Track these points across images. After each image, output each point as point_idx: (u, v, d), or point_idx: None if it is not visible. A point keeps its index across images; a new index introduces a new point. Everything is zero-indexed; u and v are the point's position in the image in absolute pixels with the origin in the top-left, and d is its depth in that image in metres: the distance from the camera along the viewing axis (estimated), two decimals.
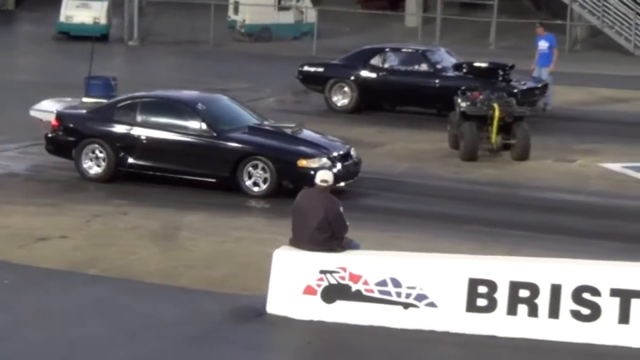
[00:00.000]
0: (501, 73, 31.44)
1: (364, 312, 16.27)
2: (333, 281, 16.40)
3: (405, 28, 52.29)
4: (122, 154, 23.64)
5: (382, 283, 16.28)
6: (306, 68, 33.66)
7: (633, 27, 47.28)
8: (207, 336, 15.92)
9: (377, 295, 16.29)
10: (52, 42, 46.18)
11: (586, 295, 15.79)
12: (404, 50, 33.65)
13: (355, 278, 16.36)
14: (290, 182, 22.66)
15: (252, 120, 24.26)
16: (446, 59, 32.87)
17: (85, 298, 17.30)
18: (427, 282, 16.21)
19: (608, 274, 16.01)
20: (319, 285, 16.44)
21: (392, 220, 21.63)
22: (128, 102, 24.41)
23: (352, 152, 23.74)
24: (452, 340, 15.91)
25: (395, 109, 32.28)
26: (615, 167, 26.19)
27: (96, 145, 23.81)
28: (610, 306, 15.72)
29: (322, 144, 23.57)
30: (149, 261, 19.04)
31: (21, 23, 55.47)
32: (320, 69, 33.47)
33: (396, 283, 16.25)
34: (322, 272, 16.44)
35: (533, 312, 15.92)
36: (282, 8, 49.64)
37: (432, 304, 16.17)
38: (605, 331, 15.73)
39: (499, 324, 15.96)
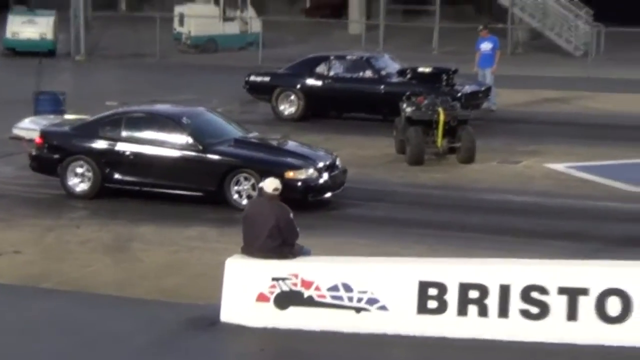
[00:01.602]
0: (445, 77, 31.56)
1: (316, 318, 16.28)
2: (285, 288, 16.41)
3: (349, 35, 52.39)
4: (108, 170, 23.37)
5: (334, 288, 16.30)
6: (252, 78, 33.63)
7: (573, 29, 47.56)
8: (163, 345, 15.90)
9: (329, 300, 16.31)
10: None
11: (535, 295, 15.86)
12: (348, 57, 33.64)
13: (307, 284, 16.37)
14: None
15: (236, 133, 24.09)
16: (390, 65, 32.94)
17: (40, 312, 17.21)
18: (378, 286, 16.25)
19: (555, 272, 16.09)
20: (271, 293, 16.44)
21: (342, 226, 21.68)
22: (112, 117, 24.09)
23: (338, 162, 23.65)
24: (404, 342, 15.94)
25: (341, 116, 32.27)
26: (559, 167, 26.36)
27: (81, 162, 23.52)
28: (558, 304, 15.82)
29: (308, 155, 23.43)
30: (103, 273, 18.98)
31: None
32: (267, 79, 33.43)
33: (348, 288, 16.27)
34: (275, 279, 16.45)
35: (483, 312, 15.98)
36: (227, 19, 49.57)
37: (383, 308, 16.21)
38: (554, 329, 15.81)
39: (449, 325, 16.00)
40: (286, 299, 16.41)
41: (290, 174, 22.48)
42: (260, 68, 38.40)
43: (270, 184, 16.61)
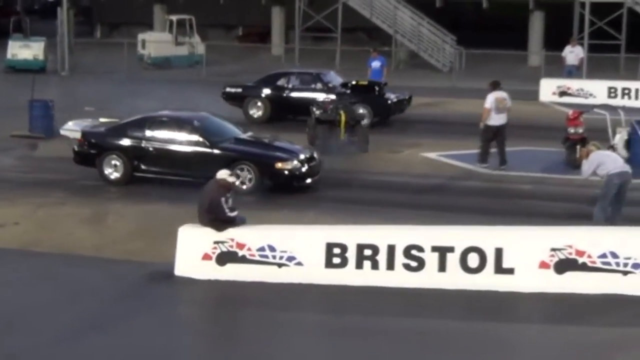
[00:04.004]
0: (377, 89, 31.16)
1: (248, 272, 16.21)
2: (224, 249, 16.30)
3: (272, 56, 52.17)
4: (136, 162, 22.73)
5: (262, 249, 16.25)
6: (228, 89, 32.72)
7: (441, 51, 47.75)
8: (129, 295, 15.76)
9: (257, 258, 16.25)
10: (2, 75, 45.24)
11: (414, 252, 15.90)
12: (302, 73, 33.02)
13: (240, 246, 16.28)
14: (269, 180, 22.11)
15: (236, 132, 23.43)
16: (335, 79, 32.33)
17: (34, 270, 16.98)
18: (295, 246, 16.21)
19: (429, 235, 16.15)
20: (213, 253, 16.35)
21: (272, 200, 21.47)
22: (138, 121, 23.26)
23: (315, 155, 23.11)
24: (315, 290, 15.92)
25: (296, 119, 31.28)
26: (432, 155, 26.38)
27: (114, 156, 22.91)
28: (431, 259, 15.86)
29: (293, 150, 22.81)
30: (83, 239, 18.72)
31: None
32: (239, 90, 32.68)
33: (272, 248, 16.22)
34: (216, 242, 16.34)
35: (375, 266, 15.99)
36: (178, 43, 49.20)
37: (299, 263, 16.17)
38: (428, 278, 15.85)
39: (350, 276, 16.00)
40: (225, 258, 16.31)
41: (279, 165, 22.06)
42: (207, 82, 37.90)
43: (220, 174, 16.53)
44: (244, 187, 21.84)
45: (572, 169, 23.09)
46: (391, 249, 15.91)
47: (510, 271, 15.65)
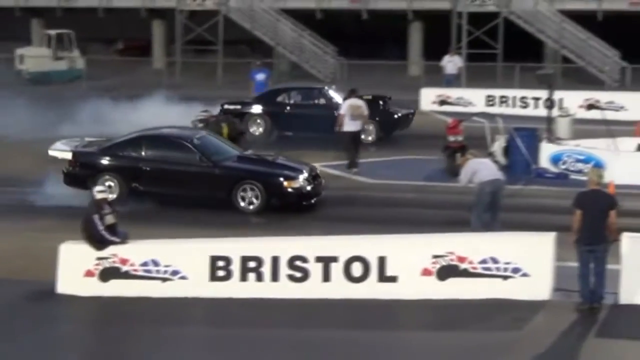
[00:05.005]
0: (381, 103, 30.56)
1: (132, 287, 16.12)
2: (107, 265, 16.19)
3: (153, 70, 51.80)
4: (133, 183, 21.68)
5: (145, 264, 16.17)
6: (226, 106, 31.36)
7: (322, 62, 48.05)
8: (10, 313, 15.50)
9: (141, 273, 16.17)
10: None
11: (298, 263, 15.97)
12: (304, 88, 32.13)
13: (124, 261, 16.19)
14: (277, 199, 21.35)
15: (234, 150, 22.58)
16: (336, 95, 30.96)
17: None
18: (178, 260, 16.17)
19: (313, 245, 16.25)
20: (96, 269, 16.22)
21: (146, 212, 21.31)
22: (134, 140, 22.27)
23: (319, 174, 22.55)
24: (200, 303, 15.90)
25: (296, 136, 30.06)
26: (317, 165, 26.36)
27: (108, 177, 21.79)
28: (315, 270, 15.95)
29: (298, 168, 22.09)
30: None
31: None
32: (238, 106, 31.37)
33: (156, 263, 16.16)
34: (99, 258, 16.22)
35: (259, 278, 16.03)
36: (57, 58, 48.52)
37: (184, 277, 16.13)
38: (313, 288, 15.94)
39: (235, 288, 16.01)
40: (108, 274, 16.21)
41: (286, 184, 21.39)
42: (88, 95, 37.27)
43: (93, 190, 16.50)
44: (251, 207, 21.23)
45: (452, 177, 23.46)
46: (275, 261, 15.97)
47: (393, 279, 15.85)
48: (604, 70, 44.30)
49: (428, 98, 37.23)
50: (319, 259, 15.93)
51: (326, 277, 15.91)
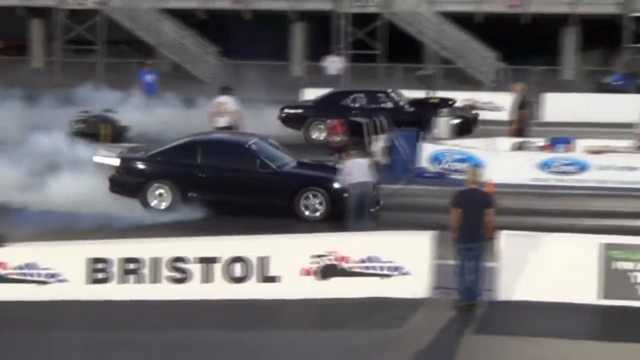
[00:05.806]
0: (444, 105, 30.05)
1: (8, 291, 15.79)
2: None
3: (32, 69, 50.90)
4: (187, 191, 20.71)
5: (20, 267, 15.90)
6: (287, 110, 30.71)
7: (204, 63, 47.77)
8: None
9: (17, 277, 15.88)
10: None
11: (178, 264, 15.88)
12: (370, 91, 31.21)
13: (1, 265, 15.87)
14: (342, 206, 19.99)
15: (287, 156, 21.62)
16: (403, 98, 30.76)
17: None
18: (56, 263, 15.91)
19: (194, 246, 16.16)
20: None
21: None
22: (186, 145, 21.32)
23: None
24: (79, 306, 15.65)
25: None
26: None
27: (160, 184, 20.85)
28: (196, 271, 15.87)
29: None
30: None
31: None
32: (300, 110, 30.72)
33: (32, 266, 15.88)
34: None
35: (139, 280, 15.87)
36: None
37: (62, 280, 15.88)
38: (194, 289, 15.85)
39: (114, 290, 15.82)
40: None
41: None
42: None
43: None
44: (317, 214, 20.51)
45: None
46: (155, 262, 15.83)
47: (274, 279, 15.85)
48: (482, 71, 45.05)
49: (310, 98, 37.28)
50: (199, 260, 15.84)
51: (207, 278, 15.83)
